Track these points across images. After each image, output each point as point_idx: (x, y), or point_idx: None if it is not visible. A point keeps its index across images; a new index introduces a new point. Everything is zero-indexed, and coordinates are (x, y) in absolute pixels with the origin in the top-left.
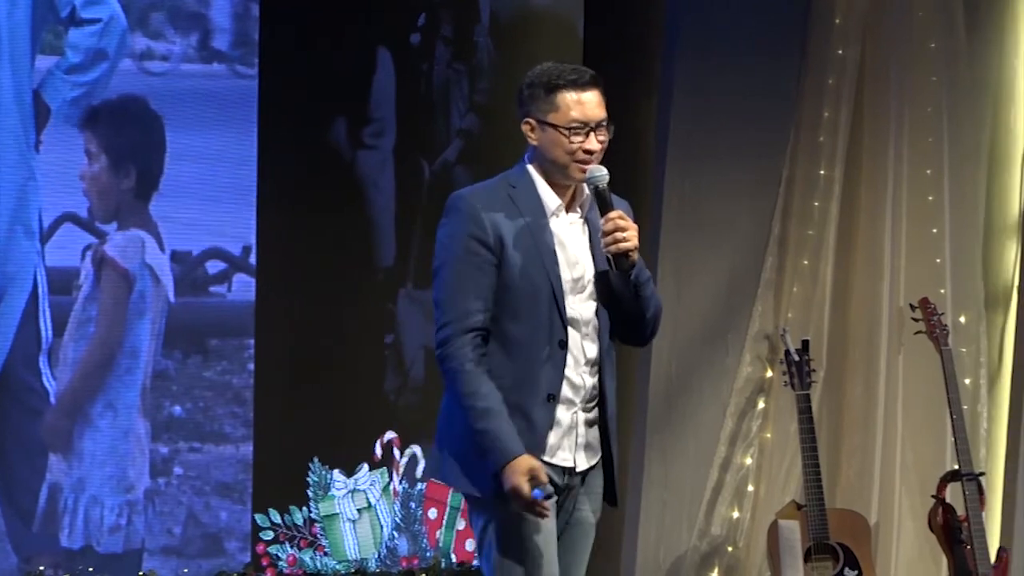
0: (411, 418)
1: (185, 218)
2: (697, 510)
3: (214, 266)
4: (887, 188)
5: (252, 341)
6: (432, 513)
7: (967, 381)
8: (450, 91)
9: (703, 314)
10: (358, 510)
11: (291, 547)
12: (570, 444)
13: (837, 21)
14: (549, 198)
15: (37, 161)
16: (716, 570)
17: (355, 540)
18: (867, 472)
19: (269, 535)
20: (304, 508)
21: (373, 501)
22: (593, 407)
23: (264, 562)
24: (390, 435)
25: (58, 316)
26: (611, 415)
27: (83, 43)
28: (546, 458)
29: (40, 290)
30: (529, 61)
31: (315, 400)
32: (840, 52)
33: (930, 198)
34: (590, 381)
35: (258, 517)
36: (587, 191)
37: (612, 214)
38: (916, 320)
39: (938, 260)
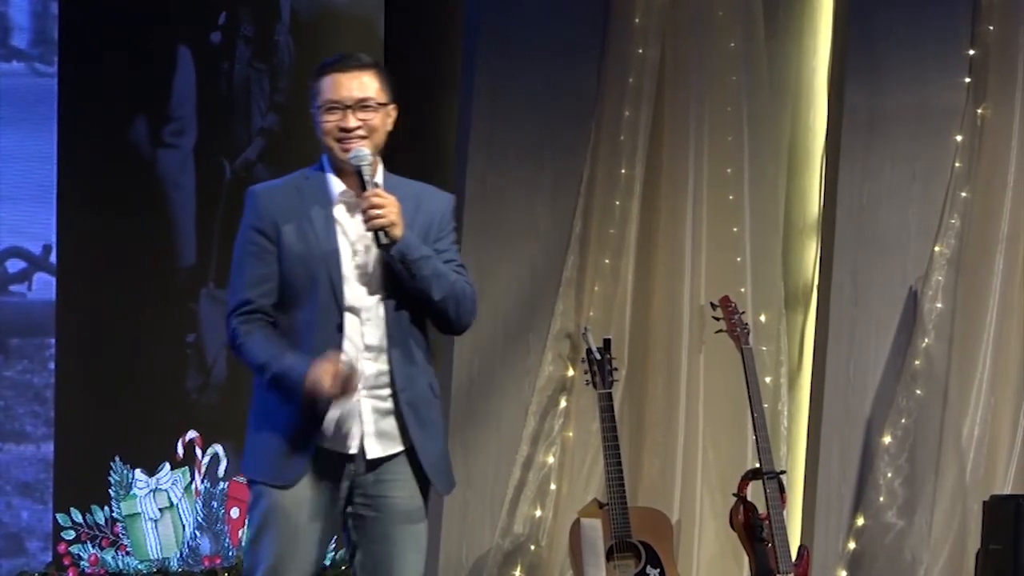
0: (213, 417)
1: None
2: (500, 509)
3: (14, 265)
4: (688, 187)
5: (53, 340)
6: (234, 512)
7: (768, 379)
8: (251, 90)
9: (505, 313)
10: (160, 509)
11: (93, 547)
12: (356, 431)
13: (637, 20)
14: (334, 185)
15: None
16: (519, 568)
17: (157, 539)
18: (669, 470)
19: (71, 535)
20: (106, 507)
21: (175, 500)
22: (386, 395)
23: (66, 561)
24: (192, 434)
25: None
26: (408, 402)
27: None
28: (326, 444)
29: None
30: None
31: (116, 399)
32: (640, 51)
33: (730, 197)
34: (373, 368)
35: (59, 517)
36: (380, 178)
37: (368, 192)
38: (717, 319)
39: (738, 259)
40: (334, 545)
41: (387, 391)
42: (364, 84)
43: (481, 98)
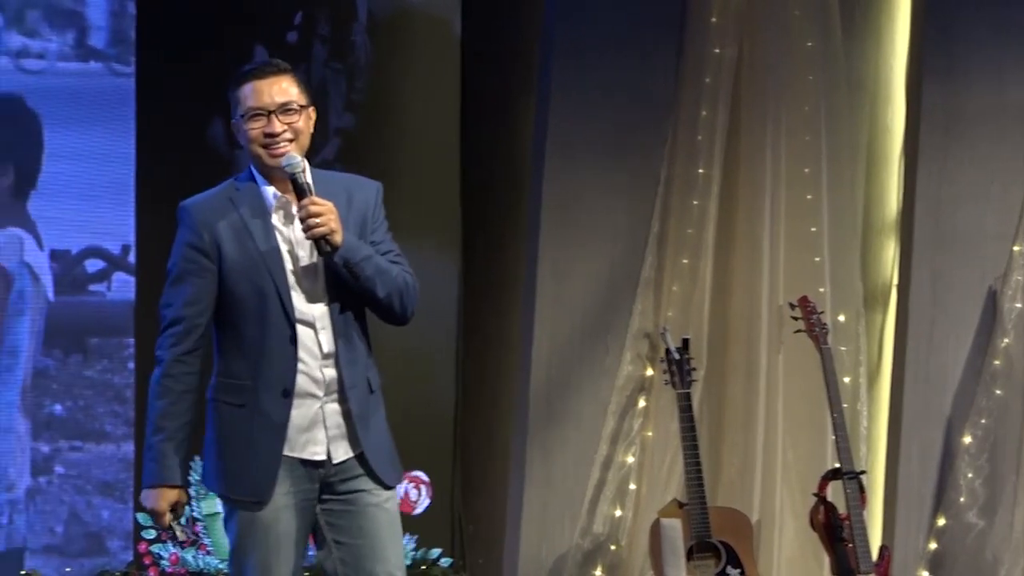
0: None
1: (64, 217)
2: (579, 508)
3: (93, 264)
4: (765, 186)
5: (132, 340)
6: None
7: (847, 379)
8: (328, 90)
9: (582, 313)
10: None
11: (173, 546)
12: (322, 437)
13: (714, 20)
14: (268, 195)
15: None
16: (599, 568)
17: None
18: (748, 470)
19: (151, 534)
20: (186, 507)
21: None
22: (340, 400)
23: (146, 561)
24: None
25: None
26: (355, 404)
27: None
28: (295, 453)
29: None
30: (407, 60)
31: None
32: (717, 51)
33: (808, 197)
34: (331, 374)
35: (140, 516)
36: (308, 177)
37: (304, 200)
38: (795, 319)
39: (817, 259)
40: (414, 544)
41: (340, 395)
42: (284, 89)
43: (558, 98)
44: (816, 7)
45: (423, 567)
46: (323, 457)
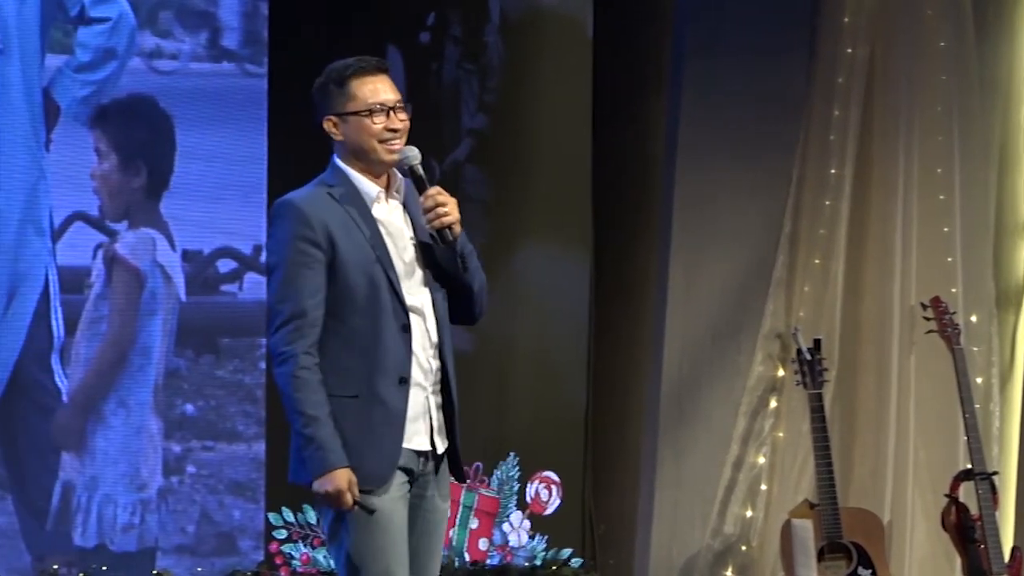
0: None
1: (195, 217)
2: (710, 509)
3: (225, 265)
4: (898, 187)
5: (263, 340)
6: None
7: (979, 380)
8: (460, 90)
9: (714, 313)
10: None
11: (304, 546)
12: (426, 428)
13: (846, 20)
14: (368, 187)
15: (47, 160)
16: (729, 569)
17: None
18: (880, 471)
19: (283, 534)
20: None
21: None
22: (440, 390)
23: (278, 561)
24: None
25: (70, 315)
26: (455, 396)
27: (92, 42)
28: (404, 444)
29: (51, 289)
30: (539, 60)
31: None
32: (850, 51)
33: (941, 197)
34: (436, 364)
35: (271, 516)
36: (399, 177)
37: (431, 190)
38: (928, 319)
39: (949, 259)
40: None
41: (442, 386)
42: (393, 86)
43: (689, 99)
44: (949, 7)
45: (554, 567)
46: (428, 448)
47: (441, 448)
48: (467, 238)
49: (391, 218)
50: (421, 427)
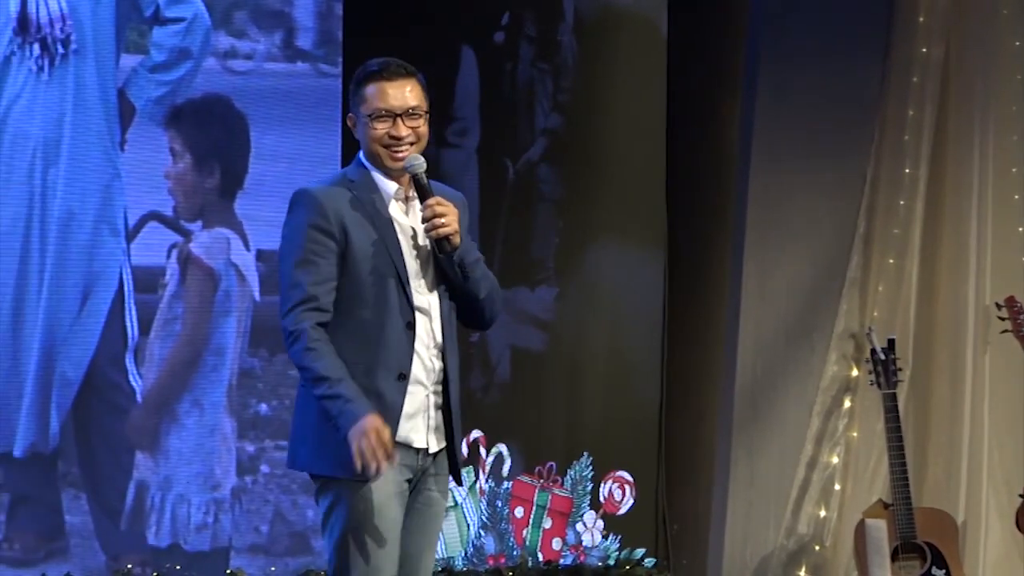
0: (497, 416)
1: (270, 217)
2: (784, 508)
3: None
4: (972, 186)
5: None
6: (519, 512)
7: None
8: (534, 90)
9: (787, 313)
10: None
11: None
12: (424, 425)
13: (921, 19)
14: (386, 186)
15: (122, 160)
16: (803, 569)
17: (442, 539)
18: (954, 471)
19: None
20: None
21: (459, 500)
22: (440, 390)
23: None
24: (476, 434)
25: (144, 314)
26: (453, 397)
27: (167, 42)
28: (400, 439)
29: (126, 289)
30: (613, 60)
31: None
32: (924, 50)
33: (1016, 197)
34: (438, 364)
35: None
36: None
37: (430, 200)
38: (1002, 319)
39: None
40: (618, 544)
41: (442, 386)
42: (410, 93)
43: (764, 97)
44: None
45: (627, 567)
46: (423, 445)
47: (435, 448)
48: (476, 247)
49: (407, 218)
50: (420, 424)
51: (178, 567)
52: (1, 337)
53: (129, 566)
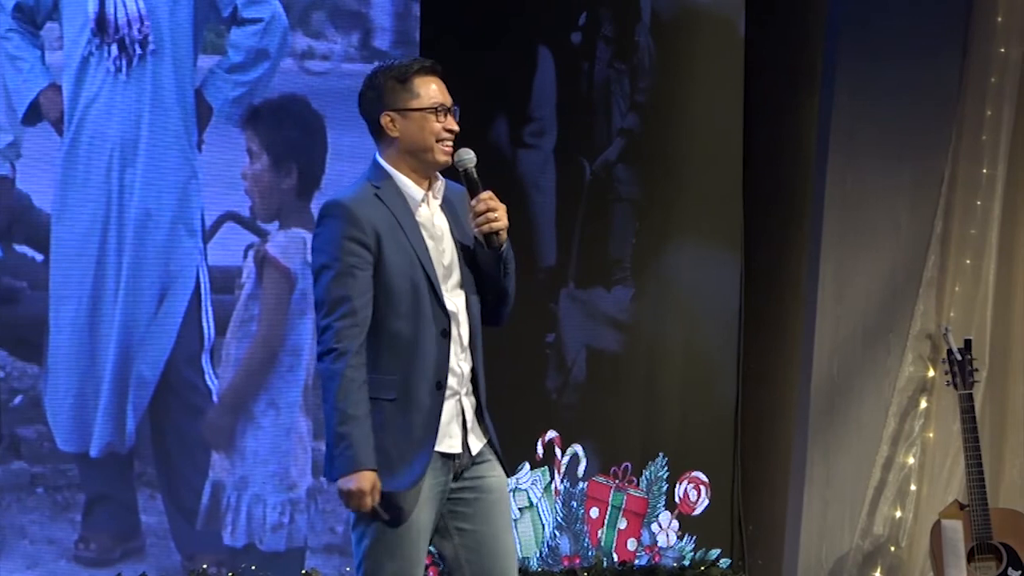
0: (572, 417)
1: None
2: (859, 509)
3: None
4: None
5: None
6: (594, 512)
7: None
8: (611, 90)
9: (864, 313)
10: (520, 509)
11: None
12: (458, 431)
13: (999, 19)
14: (413, 191)
15: (199, 160)
16: (879, 569)
17: (517, 539)
18: None
19: None
20: None
21: (535, 500)
22: (470, 392)
23: (427, 560)
24: (551, 434)
25: (220, 315)
26: (483, 396)
27: (245, 42)
28: (436, 447)
29: (203, 289)
30: (690, 60)
31: None
32: (1002, 50)
33: None
34: (467, 367)
35: None
36: (440, 179)
37: (483, 195)
38: None
39: None
40: (693, 545)
41: (472, 388)
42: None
43: (842, 97)
44: None
45: (702, 567)
46: (459, 451)
47: (476, 449)
48: (509, 244)
49: (433, 220)
50: (456, 430)
51: (254, 567)
52: (79, 337)
53: (205, 566)
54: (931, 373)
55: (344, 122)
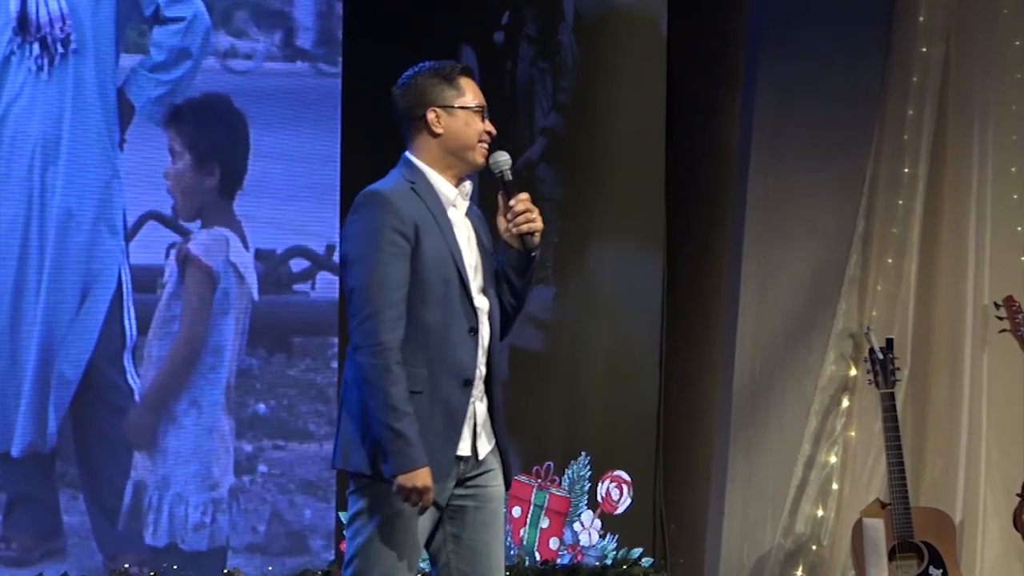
0: None
1: (269, 216)
2: (781, 508)
3: (298, 264)
4: (971, 186)
5: (336, 339)
6: (516, 511)
7: None
8: (534, 89)
9: (786, 312)
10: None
11: None
12: (470, 433)
13: (921, 19)
14: (446, 189)
15: (121, 159)
16: (800, 568)
17: None
18: (951, 470)
19: None
20: None
21: None
22: (484, 395)
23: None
24: None
25: (142, 314)
26: (497, 399)
27: (167, 41)
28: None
29: (124, 288)
30: (613, 60)
31: None
32: (924, 50)
33: (1014, 196)
34: (484, 369)
35: (342, 515)
36: (468, 184)
37: (522, 196)
38: (1000, 318)
39: (1022, 258)
40: (615, 544)
41: (487, 389)
42: None
43: (764, 97)
44: None
45: (624, 567)
46: (467, 453)
47: (484, 453)
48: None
49: (463, 223)
50: (466, 432)
51: (175, 567)
52: None
53: (126, 566)
54: (853, 372)
55: (267, 121)
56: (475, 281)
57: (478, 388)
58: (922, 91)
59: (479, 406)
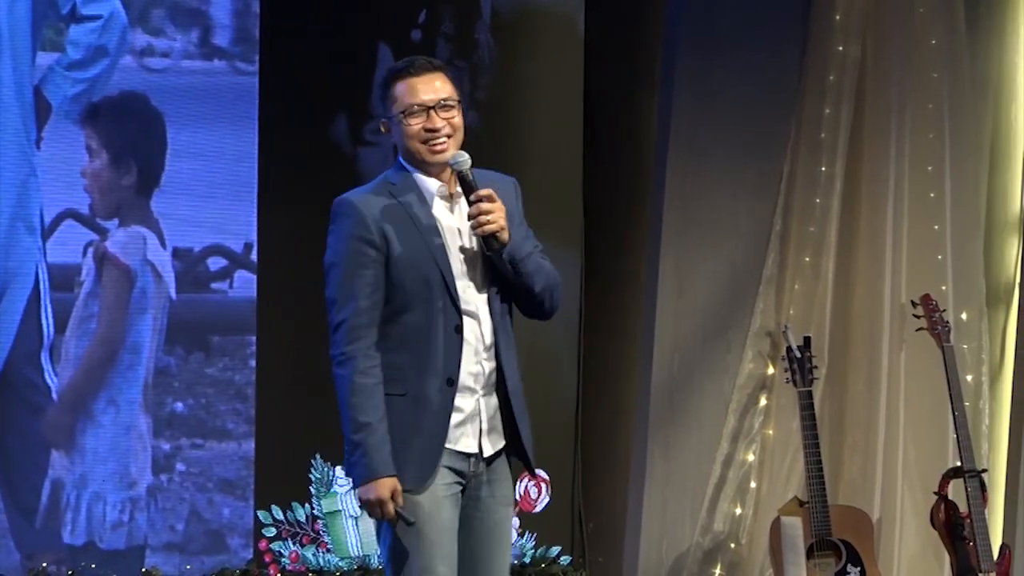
0: None
1: (186, 215)
2: (700, 506)
3: (215, 263)
4: (888, 184)
5: (254, 338)
6: None
7: (969, 378)
8: None
9: (704, 311)
10: (360, 507)
11: (294, 544)
12: (474, 431)
13: (838, 18)
14: (429, 184)
15: (38, 158)
16: (719, 566)
17: (358, 537)
18: (869, 469)
19: (272, 531)
20: (307, 504)
21: None
22: (493, 391)
23: (267, 559)
24: None
25: (60, 313)
26: (512, 392)
27: (84, 40)
28: (449, 445)
29: (42, 287)
30: (530, 58)
31: (317, 397)
32: (841, 48)
33: (931, 195)
34: (489, 367)
35: (260, 514)
36: (466, 171)
37: (475, 195)
38: (918, 317)
39: (939, 256)
40: (533, 543)
41: (498, 388)
42: (440, 86)
43: (682, 96)
44: (940, 5)
45: (543, 565)
46: (475, 451)
47: (490, 451)
48: (531, 236)
49: (453, 218)
50: (469, 429)
51: (93, 565)
52: None
53: (44, 564)
54: (771, 370)
55: (184, 119)
56: (467, 277)
57: (480, 386)
58: (839, 89)
59: (484, 402)
